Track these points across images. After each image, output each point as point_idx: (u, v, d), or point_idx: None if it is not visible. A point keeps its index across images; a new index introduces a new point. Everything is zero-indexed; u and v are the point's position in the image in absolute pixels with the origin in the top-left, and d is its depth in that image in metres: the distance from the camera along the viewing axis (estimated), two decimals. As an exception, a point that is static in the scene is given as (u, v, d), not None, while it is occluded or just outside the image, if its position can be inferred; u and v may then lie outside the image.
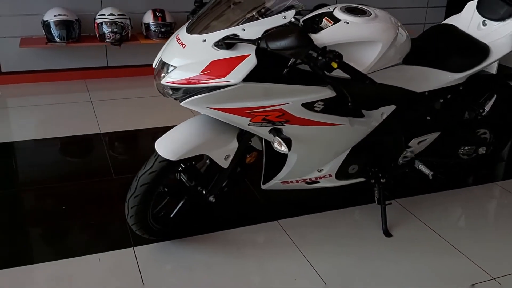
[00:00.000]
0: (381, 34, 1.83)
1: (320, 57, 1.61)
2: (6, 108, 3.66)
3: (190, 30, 1.72)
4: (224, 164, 1.90)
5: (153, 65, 1.81)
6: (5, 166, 2.82)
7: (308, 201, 2.47)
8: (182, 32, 1.75)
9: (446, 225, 2.33)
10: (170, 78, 1.66)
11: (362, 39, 1.80)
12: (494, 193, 2.68)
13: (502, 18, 2.15)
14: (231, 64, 1.60)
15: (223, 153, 1.87)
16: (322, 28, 1.81)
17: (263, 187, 2.16)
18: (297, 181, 2.15)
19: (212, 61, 1.61)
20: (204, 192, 2.00)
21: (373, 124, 2.06)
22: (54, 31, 3.87)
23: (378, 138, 2.14)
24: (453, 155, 2.48)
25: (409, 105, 2.12)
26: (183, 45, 1.69)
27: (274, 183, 2.13)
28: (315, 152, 1.99)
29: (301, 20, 1.88)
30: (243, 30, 1.61)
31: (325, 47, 1.64)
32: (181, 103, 1.70)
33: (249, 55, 1.60)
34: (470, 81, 2.27)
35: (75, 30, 3.94)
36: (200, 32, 1.69)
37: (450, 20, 2.37)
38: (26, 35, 4.05)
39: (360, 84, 1.72)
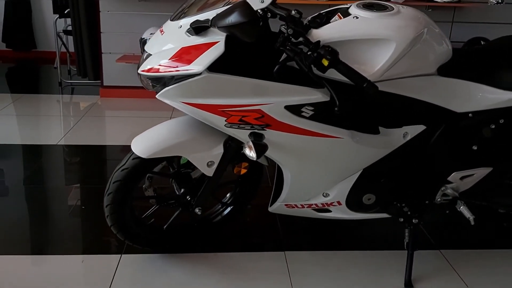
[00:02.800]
0: (395, 31, 1.53)
1: (310, 53, 1.38)
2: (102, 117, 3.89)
3: (172, 17, 1.62)
4: (208, 171, 1.72)
5: None
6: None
7: (335, 236, 2.14)
8: (167, 21, 1.66)
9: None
10: (145, 66, 1.57)
11: (369, 36, 1.52)
12: None
13: None
14: (198, 51, 1.45)
15: (205, 158, 1.68)
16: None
17: (270, 209, 1.91)
18: (303, 206, 1.85)
19: (182, 47, 1.48)
20: (192, 202, 1.83)
21: (391, 145, 1.71)
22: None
23: (402, 164, 1.76)
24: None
25: (446, 128, 1.72)
26: (162, 32, 1.60)
27: (278, 206, 1.88)
28: (309, 169, 1.70)
29: (308, 17, 1.66)
30: None
31: (318, 41, 1.42)
32: (156, 96, 1.59)
33: (218, 42, 1.43)
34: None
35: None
36: (179, 18, 1.57)
37: None
38: (129, 52, 4.26)
39: (359, 89, 1.42)
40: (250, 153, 1.51)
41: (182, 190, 1.84)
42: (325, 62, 1.39)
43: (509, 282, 1.89)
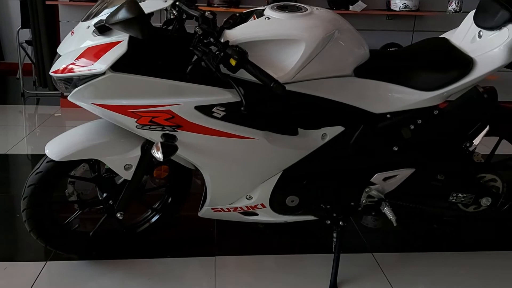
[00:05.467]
0: (304, 31, 1.53)
1: (218, 52, 1.38)
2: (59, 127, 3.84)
3: (83, 18, 1.62)
4: (126, 175, 1.70)
5: None
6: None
7: (269, 240, 2.11)
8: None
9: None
10: (55, 67, 1.55)
11: (279, 37, 1.53)
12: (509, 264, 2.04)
13: (497, 26, 1.69)
14: (102, 50, 1.44)
15: (122, 161, 1.67)
16: None
17: (199, 214, 1.89)
18: (229, 210, 1.83)
19: (88, 47, 1.48)
20: (115, 207, 1.80)
21: (309, 146, 1.71)
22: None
23: (323, 166, 1.76)
24: (442, 203, 1.94)
25: (365, 129, 1.73)
26: (73, 33, 1.59)
27: (205, 210, 1.86)
28: (227, 171, 1.69)
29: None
30: None
31: (227, 42, 1.42)
32: (68, 98, 1.57)
33: (121, 41, 1.42)
34: (457, 105, 1.81)
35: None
36: (88, 19, 1.57)
37: (448, 33, 1.95)
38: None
39: (268, 89, 1.42)
40: (157, 154, 1.49)
41: (105, 195, 1.82)
42: (233, 62, 1.39)
43: (433, 284, 1.88)
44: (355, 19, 4.20)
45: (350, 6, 3.95)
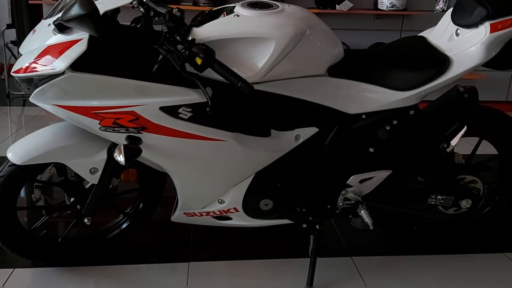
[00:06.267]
0: (273, 29, 1.48)
1: (183, 51, 1.33)
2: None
3: (46, 16, 1.56)
4: (91, 178, 1.64)
5: None
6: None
7: (247, 245, 2.06)
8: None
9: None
10: (15, 67, 1.50)
11: (248, 35, 1.48)
12: (490, 266, 1.99)
13: (474, 24, 1.64)
14: (62, 49, 1.39)
15: (87, 165, 1.61)
16: None
17: (172, 219, 1.83)
18: (201, 214, 1.78)
19: (48, 46, 1.42)
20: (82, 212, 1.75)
21: (282, 148, 1.65)
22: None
23: (297, 168, 1.71)
24: (422, 206, 1.89)
25: (339, 130, 1.68)
26: (34, 32, 1.53)
27: (178, 214, 1.80)
28: (196, 174, 1.63)
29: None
30: None
31: (193, 40, 1.37)
32: (29, 99, 1.51)
33: (81, 39, 1.37)
34: (437, 105, 1.77)
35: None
36: (50, 16, 1.51)
37: (426, 32, 1.90)
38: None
39: (235, 88, 1.37)
40: (119, 157, 1.44)
41: (72, 199, 1.76)
42: (199, 61, 1.35)
43: (410, 286, 1.84)
44: (342, 19, 4.17)
45: (337, 6, 3.91)
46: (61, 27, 1.39)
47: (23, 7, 4.14)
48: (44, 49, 1.42)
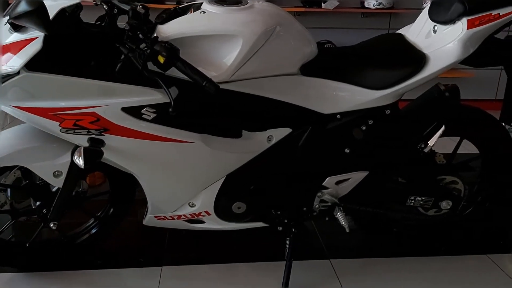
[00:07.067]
0: (241, 26, 1.43)
1: (145, 49, 1.28)
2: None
3: (4, 13, 1.49)
4: (55, 182, 1.58)
5: None
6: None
7: (222, 248, 2.00)
8: None
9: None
10: None
11: (214, 32, 1.42)
12: (473, 267, 1.94)
13: (451, 20, 1.59)
14: (16, 48, 1.33)
15: (50, 168, 1.55)
16: None
17: (144, 222, 1.78)
18: (172, 218, 1.72)
19: (3, 45, 1.36)
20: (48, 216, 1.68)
21: (254, 149, 1.60)
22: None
23: (271, 170, 1.65)
24: (401, 207, 1.84)
25: (313, 131, 1.62)
26: None
27: (149, 218, 1.75)
28: (163, 177, 1.58)
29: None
30: None
31: (156, 37, 1.31)
32: (-13, 102, 1.45)
33: (37, 37, 1.31)
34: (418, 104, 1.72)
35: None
36: (7, 15, 1.45)
37: (404, 29, 1.85)
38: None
39: (200, 88, 1.31)
40: (78, 160, 1.38)
41: (38, 203, 1.70)
42: (161, 59, 1.29)
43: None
44: (329, 17, 4.11)
45: (323, 4, 3.85)
46: (15, 26, 1.33)
47: None
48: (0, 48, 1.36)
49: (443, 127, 1.65)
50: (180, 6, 1.56)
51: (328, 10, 3.90)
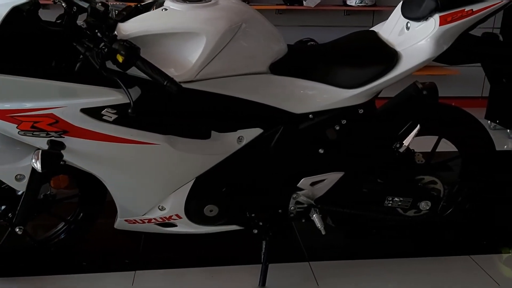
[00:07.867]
0: (204, 23, 1.38)
1: (103, 48, 1.22)
2: None
3: None
4: (18, 186, 1.52)
5: None
6: None
7: (198, 252, 1.94)
8: None
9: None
10: None
11: (176, 30, 1.38)
12: (455, 268, 1.90)
13: (423, 16, 1.55)
14: None
15: (12, 171, 1.49)
16: None
17: (115, 226, 1.72)
18: (143, 221, 1.67)
19: None
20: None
21: (224, 150, 1.55)
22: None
23: (242, 172, 1.60)
24: (378, 208, 1.79)
25: (285, 131, 1.58)
26: None
27: (119, 222, 1.69)
28: (128, 180, 1.52)
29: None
30: None
31: (114, 35, 1.26)
32: None
33: None
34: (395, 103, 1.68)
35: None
36: None
37: (377, 26, 1.81)
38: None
39: (161, 87, 1.25)
40: (36, 164, 1.32)
41: (3, 207, 1.63)
42: (120, 58, 1.24)
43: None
44: (311, 15, 4.07)
45: (304, 2, 3.81)
46: None
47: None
48: None
49: (418, 127, 1.61)
50: (142, 3, 1.51)
51: (310, 8, 3.86)
